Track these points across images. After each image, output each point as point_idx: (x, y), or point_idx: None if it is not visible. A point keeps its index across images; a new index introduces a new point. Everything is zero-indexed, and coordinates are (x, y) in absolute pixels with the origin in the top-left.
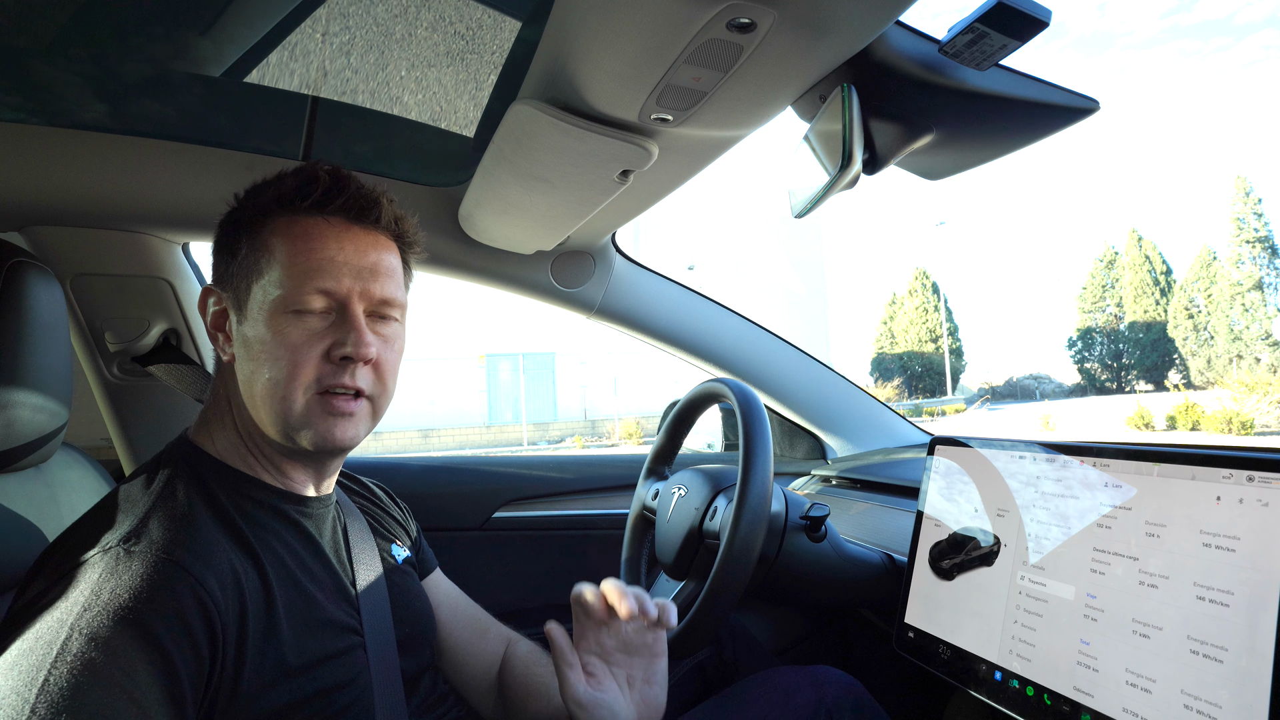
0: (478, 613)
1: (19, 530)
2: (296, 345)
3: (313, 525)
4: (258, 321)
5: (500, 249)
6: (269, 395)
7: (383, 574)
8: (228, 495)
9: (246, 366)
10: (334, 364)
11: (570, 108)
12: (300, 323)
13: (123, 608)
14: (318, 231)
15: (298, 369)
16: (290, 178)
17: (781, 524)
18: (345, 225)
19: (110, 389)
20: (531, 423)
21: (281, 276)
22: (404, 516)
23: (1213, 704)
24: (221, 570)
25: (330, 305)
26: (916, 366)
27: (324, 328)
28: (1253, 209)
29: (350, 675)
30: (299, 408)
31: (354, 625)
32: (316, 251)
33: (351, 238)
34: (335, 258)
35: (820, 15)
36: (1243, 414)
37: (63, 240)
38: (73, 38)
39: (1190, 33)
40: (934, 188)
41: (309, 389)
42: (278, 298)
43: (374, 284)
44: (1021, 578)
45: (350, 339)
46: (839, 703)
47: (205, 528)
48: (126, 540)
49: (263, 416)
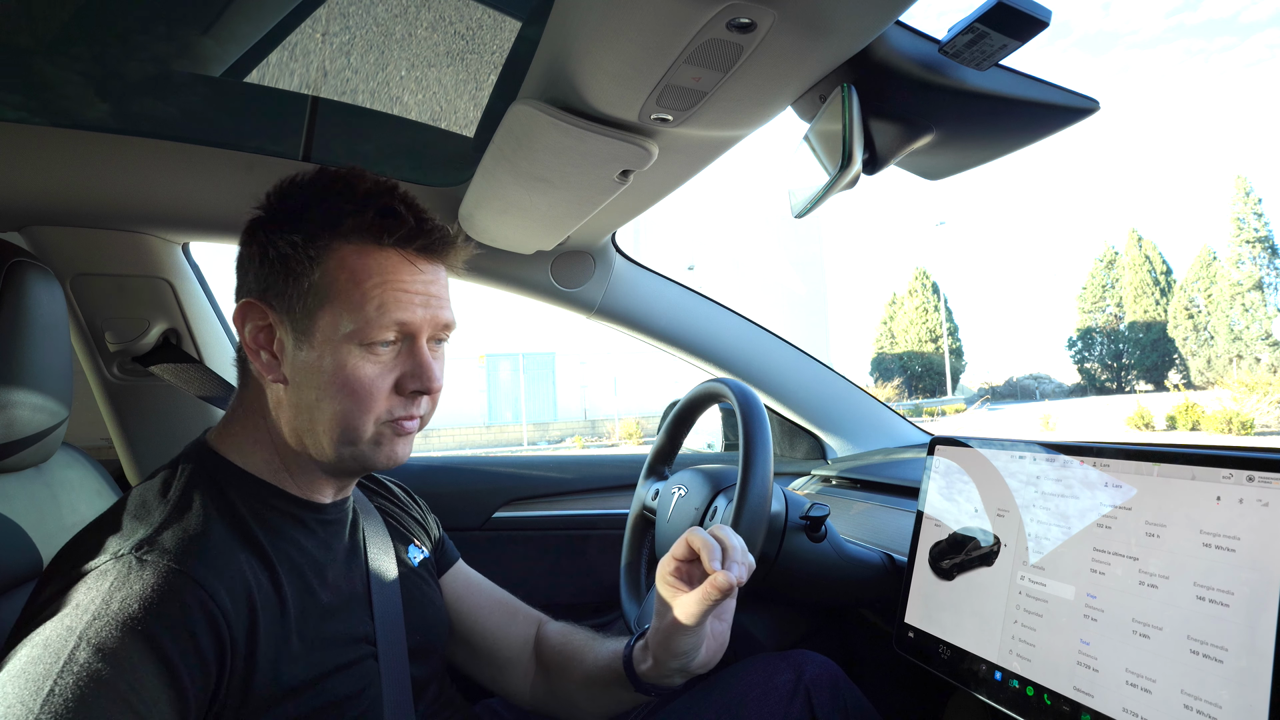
0: (505, 596)
1: (19, 530)
2: (370, 380)
3: (329, 531)
4: (323, 351)
5: (500, 249)
6: (335, 425)
7: (398, 581)
8: (246, 503)
9: (306, 394)
10: (404, 396)
11: (570, 108)
12: (373, 357)
13: (131, 618)
14: (393, 266)
15: (370, 402)
16: (371, 207)
17: (781, 524)
18: (418, 258)
19: (110, 389)
20: (531, 423)
21: (356, 310)
22: (423, 514)
23: (1213, 704)
24: (233, 582)
25: (400, 337)
26: (916, 366)
27: (392, 360)
28: (1253, 209)
29: (361, 685)
30: (368, 436)
31: (367, 634)
32: (393, 286)
33: (422, 270)
34: (408, 289)
35: (820, 15)
36: (1243, 414)
37: (63, 240)
38: (73, 37)
39: (1195, 32)
40: (934, 188)
41: (380, 420)
42: (351, 331)
43: (441, 312)
44: (1021, 578)
45: (421, 374)
46: (816, 681)
47: (220, 537)
48: (139, 548)
49: (323, 443)
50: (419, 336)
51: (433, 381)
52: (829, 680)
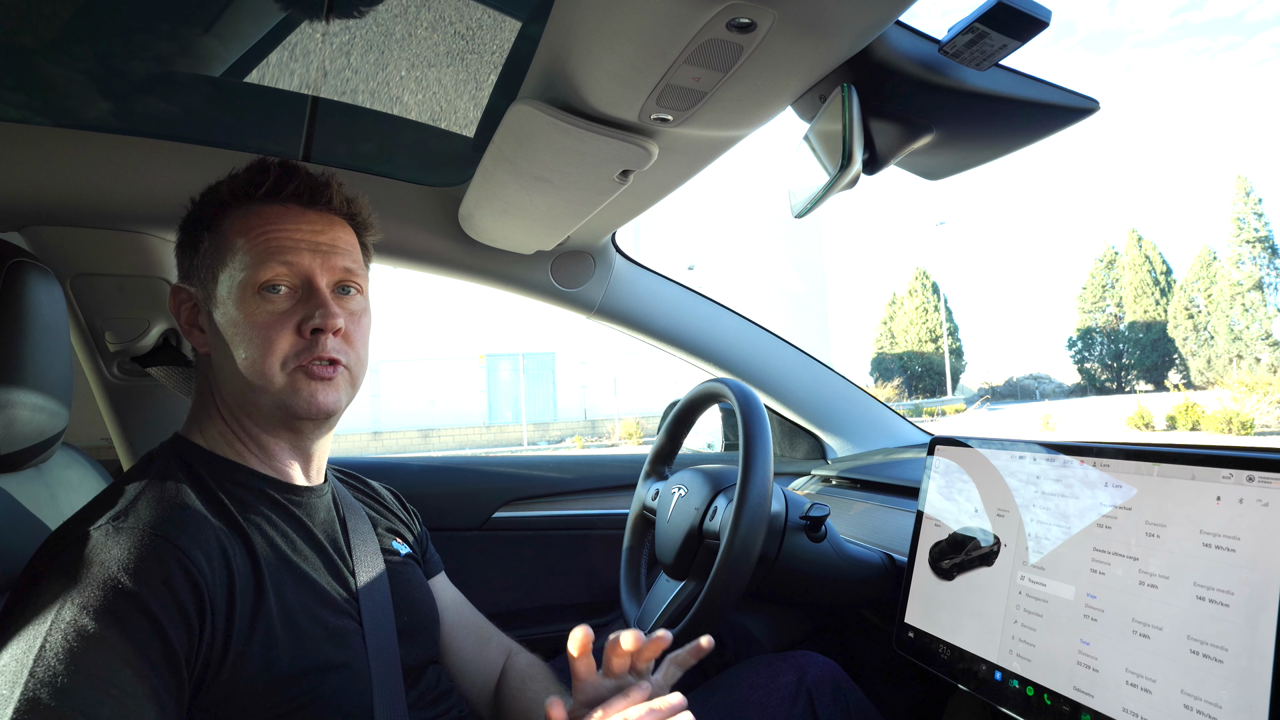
0: (480, 621)
1: (18, 530)
2: (268, 323)
3: (304, 512)
4: (228, 306)
5: (500, 249)
6: (247, 373)
7: (383, 563)
8: (217, 481)
9: (223, 351)
10: (305, 339)
11: (570, 108)
12: (268, 302)
13: (112, 578)
14: (274, 215)
15: (271, 345)
16: (243, 173)
17: (781, 524)
18: (300, 210)
19: (110, 389)
20: (531, 423)
21: (245, 260)
22: (409, 518)
23: (1213, 704)
24: (209, 547)
25: (296, 284)
26: (916, 366)
27: (291, 305)
28: (1253, 209)
29: (343, 658)
30: (279, 383)
31: (350, 610)
32: (275, 232)
33: (307, 220)
34: (294, 235)
35: (820, 15)
36: (1243, 414)
37: (63, 240)
38: (73, 37)
39: (1200, 30)
40: (934, 188)
41: (286, 364)
42: (244, 279)
43: (334, 258)
44: (1021, 578)
45: (318, 313)
46: (818, 683)
47: (193, 509)
48: (116, 519)
49: (247, 398)
50: (315, 279)
51: (329, 318)
52: (831, 681)
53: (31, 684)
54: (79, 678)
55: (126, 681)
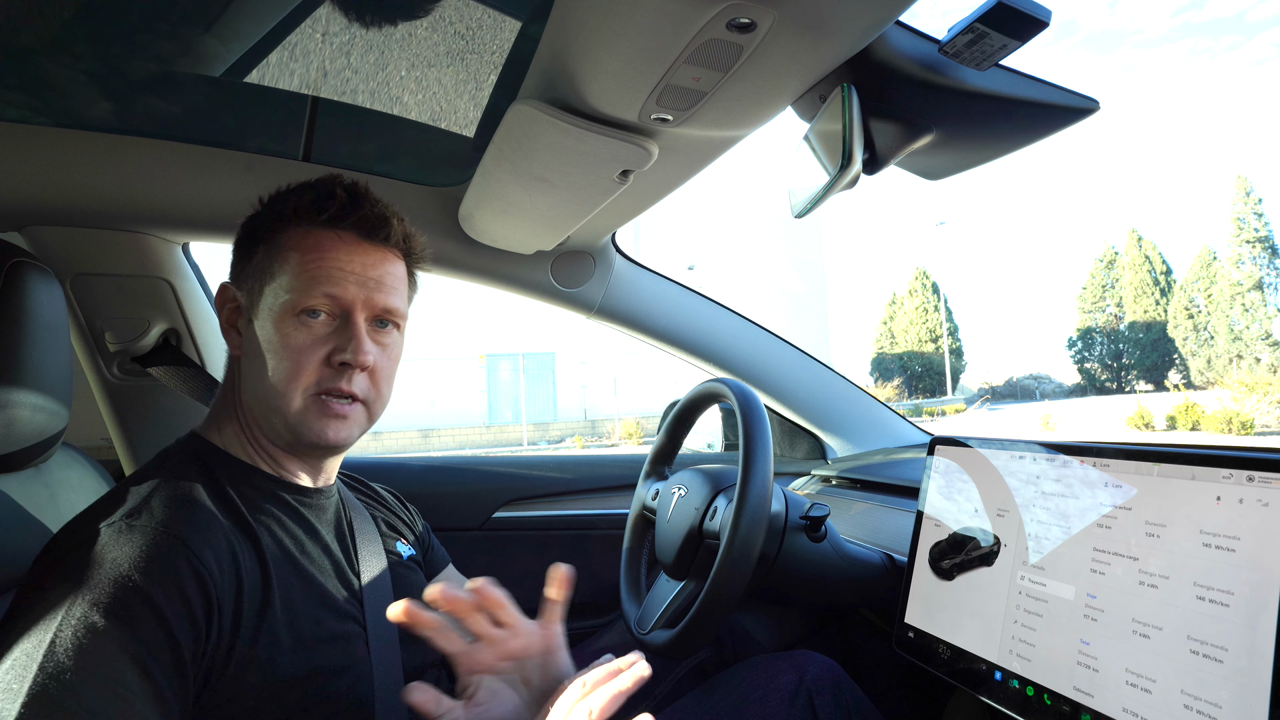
0: None
1: (18, 530)
2: (300, 348)
3: (312, 514)
4: (266, 322)
5: (500, 249)
6: (270, 392)
7: (387, 567)
8: (230, 481)
9: (253, 363)
10: (333, 369)
11: (570, 108)
12: (305, 327)
13: (123, 576)
14: (329, 243)
15: (299, 370)
16: (309, 191)
17: (781, 524)
18: (356, 239)
19: (110, 389)
20: (531, 423)
21: (291, 281)
22: (410, 518)
23: (1213, 704)
24: (219, 547)
25: (335, 311)
26: (916, 366)
27: (327, 333)
28: (1253, 209)
29: (347, 661)
30: (296, 407)
31: (354, 613)
32: (326, 261)
33: (361, 251)
34: (344, 267)
35: (820, 15)
36: (1243, 414)
37: (63, 240)
38: (73, 37)
39: (1201, 30)
40: (934, 188)
41: (308, 390)
42: (286, 301)
43: (378, 294)
44: (1021, 578)
45: (350, 346)
46: (818, 682)
47: (205, 508)
48: (129, 516)
49: (264, 411)
50: (353, 312)
51: (360, 354)
52: (831, 681)
53: (40, 678)
54: (86, 674)
55: (133, 680)
